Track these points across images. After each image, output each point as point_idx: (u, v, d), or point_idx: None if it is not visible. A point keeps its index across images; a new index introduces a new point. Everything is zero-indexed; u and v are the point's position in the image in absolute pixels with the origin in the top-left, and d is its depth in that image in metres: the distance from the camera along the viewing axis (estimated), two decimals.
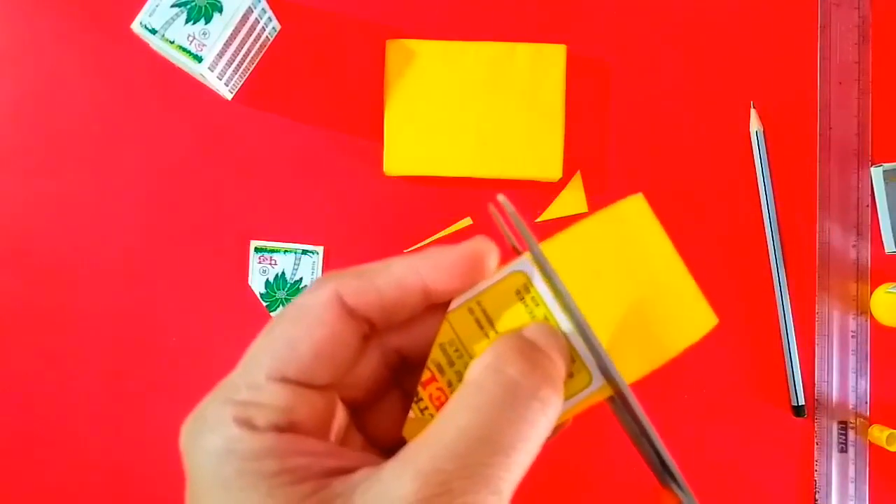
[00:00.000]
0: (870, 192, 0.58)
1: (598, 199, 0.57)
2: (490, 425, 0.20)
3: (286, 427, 0.21)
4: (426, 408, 0.23)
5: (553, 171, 0.55)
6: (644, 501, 0.56)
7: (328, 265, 0.57)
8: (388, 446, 0.25)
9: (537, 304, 0.23)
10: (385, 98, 0.56)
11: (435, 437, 0.20)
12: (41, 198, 0.56)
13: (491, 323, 0.23)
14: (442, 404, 0.23)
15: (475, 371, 0.22)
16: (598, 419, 0.25)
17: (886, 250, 0.57)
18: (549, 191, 0.57)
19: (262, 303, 0.56)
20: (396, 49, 0.55)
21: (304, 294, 0.23)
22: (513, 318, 0.24)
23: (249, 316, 0.56)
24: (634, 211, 0.25)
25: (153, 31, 0.50)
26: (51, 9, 0.56)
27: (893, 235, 0.57)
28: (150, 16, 0.50)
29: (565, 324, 0.23)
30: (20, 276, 0.56)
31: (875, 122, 0.58)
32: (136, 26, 0.50)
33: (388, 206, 0.57)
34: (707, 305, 0.24)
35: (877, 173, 0.57)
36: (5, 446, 0.56)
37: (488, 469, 0.19)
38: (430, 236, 0.56)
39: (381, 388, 0.25)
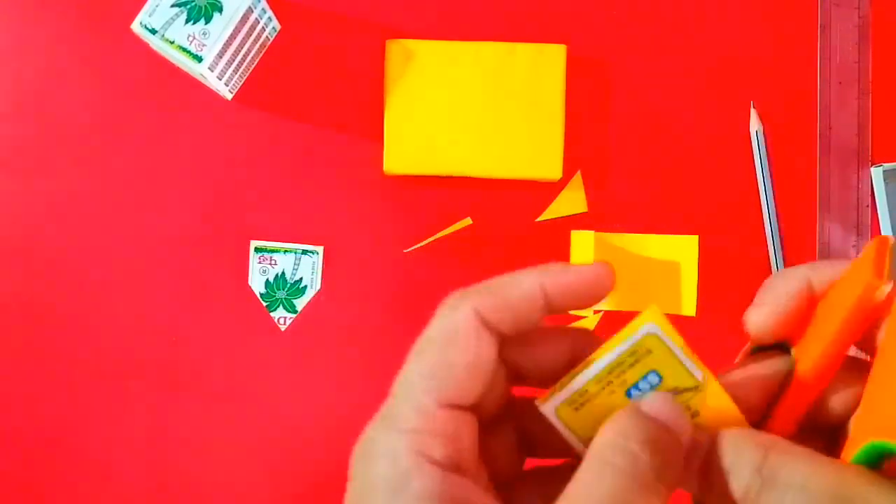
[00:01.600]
0: (870, 192, 0.58)
1: (598, 199, 0.57)
2: (617, 497, 0.20)
3: (457, 458, 0.22)
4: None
5: (553, 171, 0.55)
6: None
7: (328, 265, 0.57)
8: (496, 477, 0.25)
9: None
10: (385, 98, 0.56)
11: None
12: (41, 198, 0.56)
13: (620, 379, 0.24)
14: None
15: (599, 444, 0.22)
16: None
17: None
18: (549, 191, 0.57)
19: (262, 303, 0.56)
20: (396, 49, 0.55)
21: (443, 316, 0.23)
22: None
23: (249, 316, 0.56)
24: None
25: (153, 31, 0.50)
26: (50, 9, 0.56)
27: (893, 235, 0.57)
28: (150, 16, 0.50)
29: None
30: (20, 276, 0.56)
31: (875, 122, 0.58)
32: (136, 26, 0.50)
33: (388, 206, 0.57)
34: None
35: (877, 173, 0.57)
36: (5, 446, 0.56)
37: None
38: (430, 236, 0.56)
39: (504, 411, 0.26)
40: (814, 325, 0.24)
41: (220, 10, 0.50)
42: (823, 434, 0.25)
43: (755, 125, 0.57)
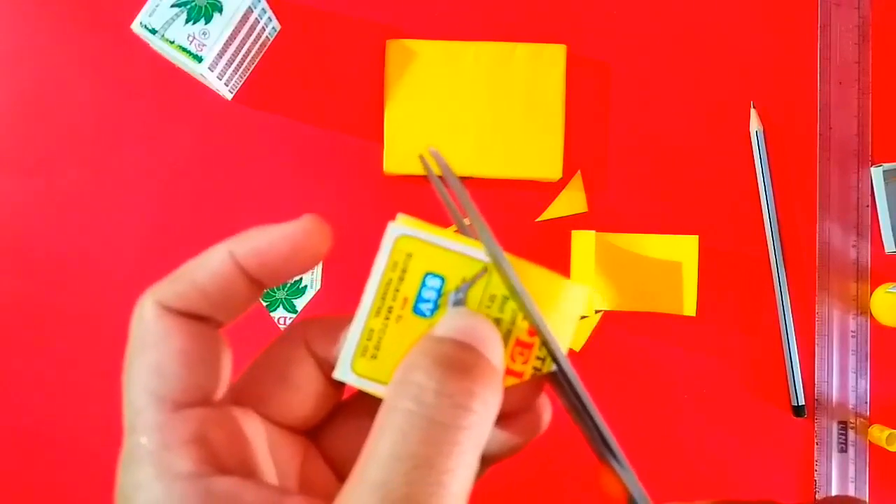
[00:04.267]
0: (870, 192, 0.58)
1: (598, 199, 0.57)
2: (412, 442, 0.18)
3: (212, 458, 0.19)
4: None
5: (553, 171, 0.55)
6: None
7: (328, 265, 0.57)
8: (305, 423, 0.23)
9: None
10: (385, 98, 0.56)
11: (359, 478, 0.18)
12: (41, 197, 0.56)
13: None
14: None
15: (389, 388, 0.20)
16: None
17: (886, 250, 0.57)
18: (549, 191, 0.57)
19: (261, 303, 0.56)
20: (396, 49, 0.55)
21: (132, 323, 0.21)
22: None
23: (249, 316, 0.56)
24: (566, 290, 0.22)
25: (153, 31, 0.50)
26: (51, 9, 0.56)
27: (893, 235, 0.57)
28: (150, 16, 0.50)
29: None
30: (20, 276, 0.56)
31: (875, 122, 0.58)
32: (136, 26, 0.50)
33: (388, 206, 0.57)
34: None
35: (877, 173, 0.57)
36: (5, 446, 0.56)
37: (424, 491, 0.17)
38: None
39: (327, 404, 0.23)
40: None
41: (220, 10, 0.50)
42: None
43: (755, 125, 0.57)
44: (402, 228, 0.22)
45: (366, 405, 0.23)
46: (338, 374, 0.21)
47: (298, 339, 0.23)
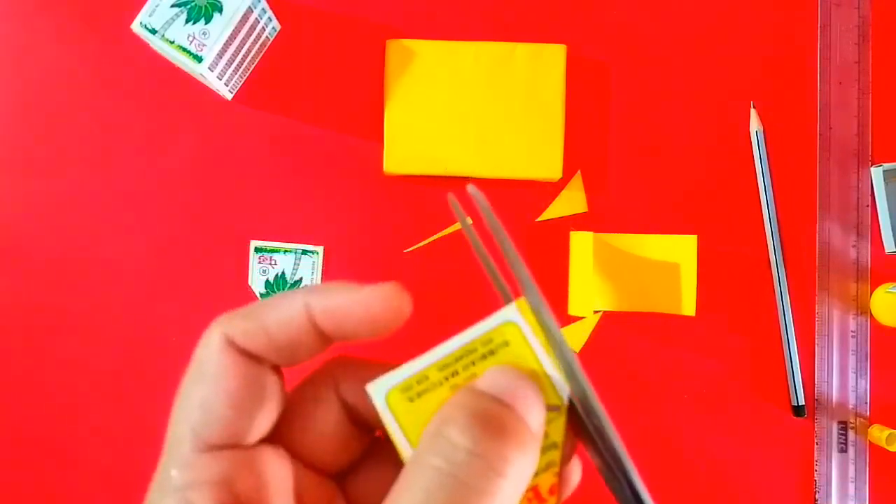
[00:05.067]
0: (870, 192, 0.58)
1: (598, 199, 0.57)
2: None
3: (235, 501, 0.19)
4: None
5: (553, 171, 0.55)
6: None
7: (328, 265, 0.57)
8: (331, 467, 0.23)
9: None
10: (385, 98, 0.56)
11: None
12: (41, 198, 0.56)
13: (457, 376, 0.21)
14: None
15: (421, 440, 0.19)
16: None
17: (886, 250, 0.57)
18: (549, 191, 0.57)
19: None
20: (396, 49, 0.55)
21: (197, 348, 0.21)
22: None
23: None
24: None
25: (153, 31, 0.50)
26: (51, 9, 0.56)
27: (893, 235, 0.57)
28: (150, 16, 0.50)
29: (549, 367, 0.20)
30: (20, 277, 0.56)
31: (875, 122, 0.58)
32: (136, 26, 0.50)
33: (388, 206, 0.57)
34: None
35: (877, 173, 0.57)
36: (5, 446, 0.56)
37: None
38: (430, 236, 0.56)
39: (355, 448, 0.23)
40: None
41: (220, 10, 0.50)
42: None
43: (755, 125, 0.57)
44: (516, 317, 0.20)
45: (392, 454, 0.22)
46: (371, 389, 0.21)
47: (329, 381, 0.23)
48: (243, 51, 0.53)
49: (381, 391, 0.20)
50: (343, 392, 0.22)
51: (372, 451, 0.24)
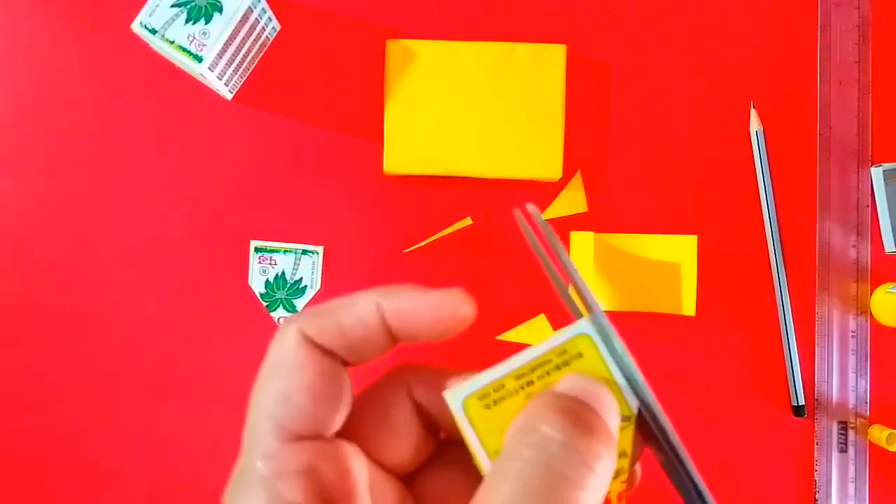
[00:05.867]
0: (870, 192, 0.58)
1: (598, 199, 0.57)
2: (533, 494, 0.18)
3: (321, 492, 0.20)
4: None
5: (553, 171, 0.55)
6: None
7: (328, 265, 0.57)
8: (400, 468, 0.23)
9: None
10: (385, 98, 0.56)
11: None
12: (41, 198, 0.56)
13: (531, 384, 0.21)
14: None
15: (508, 436, 0.20)
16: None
17: (886, 250, 0.57)
18: (549, 191, 0.57)
19: (262, 303, 0.56)
20: (396, 49, 0.55)
21: (272, 344, 0.22)
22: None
23: (249, 316, 0.56)
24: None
25: (153, 31, 0.50)
26: (51, 9, 0.56)
27: (893, 235, 0.57)
28: (150, 16, 0.50)
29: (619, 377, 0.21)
30: (20, 277, 0.56)
31: (875, 122, 0.58)
32: (136, 26, 0.50)
33: (388, 206, 0.57)
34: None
35: (877, 173, 0.57)
36: (5, 446, 0.56)
37: None
38: (430, 236, 0.56)
39: (422, 450, 0.24)
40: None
41: (220, 10, 0.50)
42: None
43: (755, 125, 0.57)
44: (588, 329, 0.21)
45: (459, 458, 0.23)
46: (448, 395, 0.21)
47: (402, 383, 0.23)
48: (243, 51, 0.53)
49: (459, 398, 0.21)
50: (416, 395, 0.23)
51: (439, 454, 0.24)
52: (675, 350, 0.57)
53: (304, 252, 0.56)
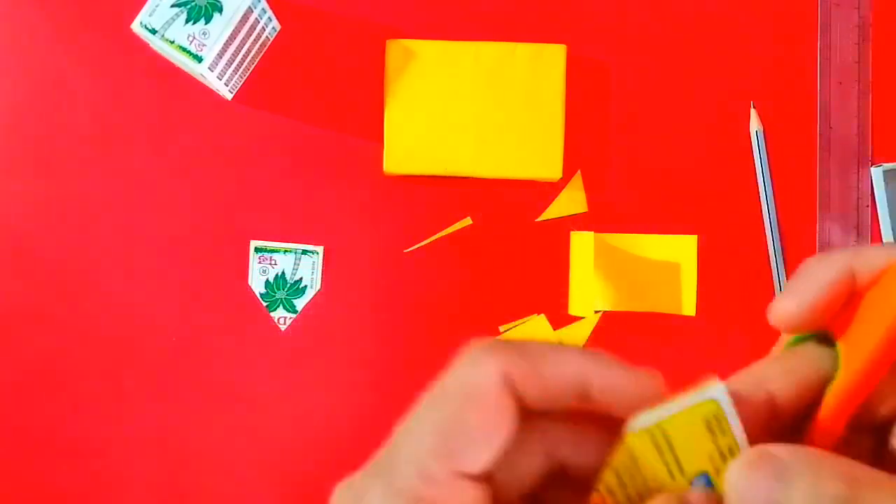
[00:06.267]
0: (870, 192, 0.58)
1: (598, 199, 0.57)
2: None
3: None
4: None
5: (553, 171, 0.55)
6: None
7: (328, 265, 0.57)
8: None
9: (724, 434, 0.21)
10: (385, 98, 0.56)
11: None
12: (41, 198, 0.56)
13: (673, 451, 0.21)
14: None
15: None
16: None
17: None
18: (549, 191, 0.57)
19: (262, 303, 0.56)
20: (396, 49, 0.55)
21: (465, 366, 0.20)
22: (697, 450, 0.21)
23: (249, 316, 0.56)
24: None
25: (153, 31, 0.50)
26: (50, 9, 0.56)
27: (893, 235, 0.57)
28: (150, 16, 0.50)
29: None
30: (20, 277, 0.56)
31: (875, 122, 0.58)
32: (136, 26, 0.50)
33: (388, 206, 0.57)
34: None
35: (877, 173, 0.57)
36: (5, 446, 0.56)
37: None
38: (430, 236, 0.56)
39: (534, 493, 0.23)
40: (863, 318, 0.21)
41: (220, 10, 0.50)
42: (869, 432, 0.22)
43: (755, 125, 0.57)
44: (721, 396, 0.21)
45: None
46: (633, 426, 0.21)
47: (538, 433, 0.22)
48: (243, 51, 0.53)
49: (638, 426, 0.21)
50: (550, 446, 0.22)
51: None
52: (675, 350, 0.57)
53: (304, 252, 0.56)
